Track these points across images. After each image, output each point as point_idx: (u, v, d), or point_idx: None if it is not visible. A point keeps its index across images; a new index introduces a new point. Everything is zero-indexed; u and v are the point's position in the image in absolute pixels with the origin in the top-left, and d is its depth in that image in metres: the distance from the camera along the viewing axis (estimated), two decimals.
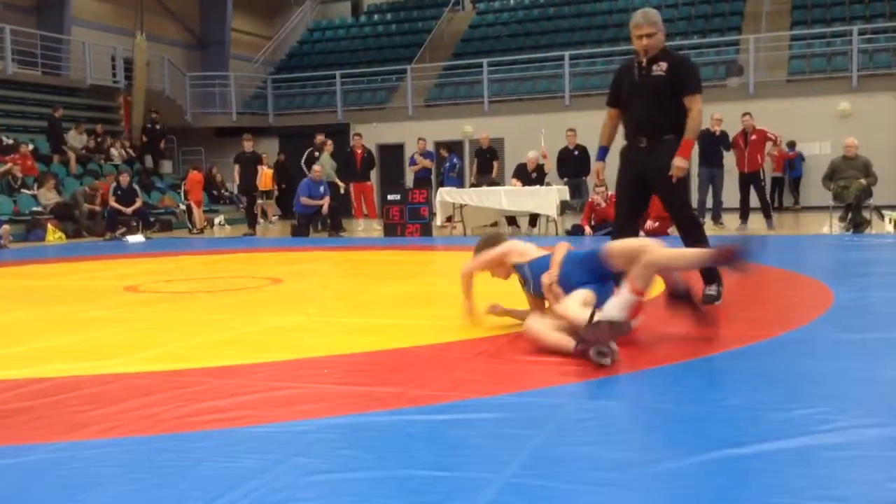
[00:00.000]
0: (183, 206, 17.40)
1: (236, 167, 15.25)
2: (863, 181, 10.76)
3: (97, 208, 15.58)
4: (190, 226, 16.64)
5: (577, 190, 13.51)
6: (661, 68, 4.98)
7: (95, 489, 2.18)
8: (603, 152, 5.46)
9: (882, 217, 11.10)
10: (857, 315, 4.54)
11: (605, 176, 5.57)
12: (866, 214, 10.94)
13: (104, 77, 20.55)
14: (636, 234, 5.25)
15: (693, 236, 5.07)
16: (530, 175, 13.14)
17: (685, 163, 4.96)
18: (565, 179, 13.72)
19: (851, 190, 10.74)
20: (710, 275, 5.08)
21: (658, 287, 5.57)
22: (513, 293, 4.49)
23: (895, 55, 17.71)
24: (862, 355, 3.53)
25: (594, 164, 5.69)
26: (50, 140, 17.83)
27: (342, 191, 15.02)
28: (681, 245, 5.35)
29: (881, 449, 2.32)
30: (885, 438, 2.40)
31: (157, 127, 19.78)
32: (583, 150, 13.78)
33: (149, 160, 19.90)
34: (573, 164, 13.72)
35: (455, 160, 16.52)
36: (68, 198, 15.59)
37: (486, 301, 4.38)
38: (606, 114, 5.36)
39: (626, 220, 5.21)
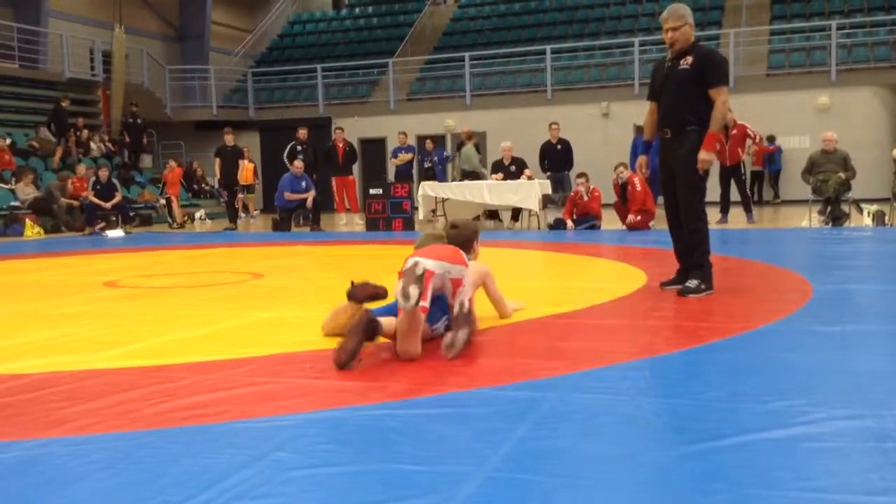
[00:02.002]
0: (163, 201, 17.29)
1: (217, 161, 15.16)
2: (841, 175, 10.86)
3: (75, 203, 15.46)
4: (170, 220, 16.54)
5: (560, 184, 13.50)
6: (686, 62, 5.10)
7: (74, 485, 2.16)
8: (646, 146, 5.56)
9: (860, 210, 11.20)
10: (835, 308, 4.58)
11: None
12: (845, 208, 11.04)
13: (82, 70, 20.35)
14: (682, 224, 5.29)
15: (695, 237, 5.10)
16: (508, 168, 13.11)
17: (709, 155, 5.04)
18: (548, 174, 13.71)
19: (830, 184, 10.83)
20: (691, 266, 5.12)
21: (639, 280, 5.62)
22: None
23: (873, 49, 17.86)
24: (840, 348, 3.56)
25: (639, 158, 5.78)
26: (55, 128, 18.07)
27: (484, 179, 13.44)
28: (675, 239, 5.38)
29: (859, 440, 2.34)
30: (863, 430, 2.42)
31: (139, 121, 19.64)
32: (565, 144, 13.78)
33: (128, 154, 19.77)
34: (556, 159, 13.71)
35: (446, 153, 16.49)
36: (43, 192, 15.44)
37: None
38: (648, 109, 5.45)
39: (670, 210, 5.32)
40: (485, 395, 2.94)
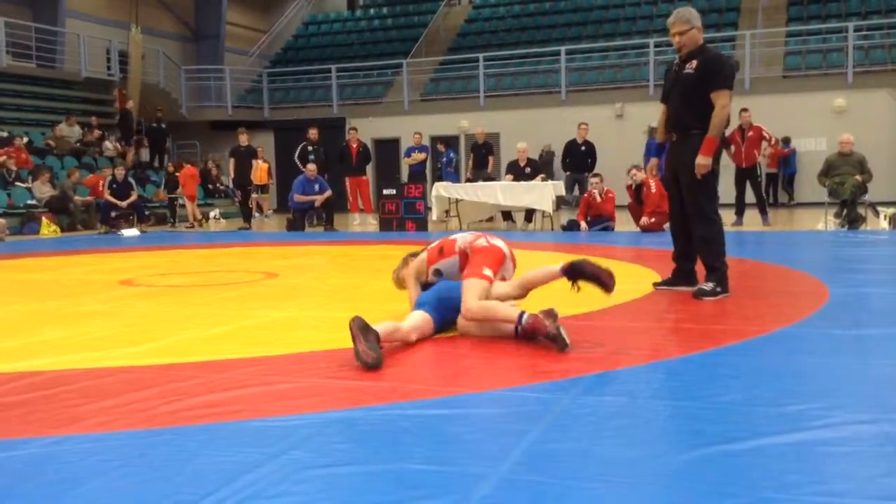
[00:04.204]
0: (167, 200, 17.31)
1: (231, 161, 15.22)
2: (858, 177, 10.78)
3: (90, 199, 15.55)
4: (172, 220, 16.53)
5: (580, 185, 13.48)
6: (691, 66, 5.10)
7: (90, 483, 2.18)
8: (658, 149, 5.56)
9: (877, 213, 11.13)
10: (851, 311, 4.55)
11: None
12: (861, 211, 10.96)
13: (99, 70, 20.48)
14: (685, 227, 5.26)
15: (704, 240, 5.07)
16: (523, 170, 13.09)
17: (707, 160, 5.00)
18: (568, 173, 13.68)
19: (846, 186, 10.75)
20: (708, 269, 5.10)
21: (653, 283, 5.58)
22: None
23: (890, 52, 17.74)
24: (856, 351, 3.54)
25: (651, 160, 5.79)
26: (122, 133, 18.92)
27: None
28: (679, 241, 5.37)
29: (875, 444, 2.33)
30: (879, 434, 2.41)
31: (163, 126, 19.77)
32: (590, 146, 13.77)
33: (144, 153, 19.92)
34: (578, 159, 13.69)
35: (452, 155, 16.50)
36: (57, 190, 15.53)
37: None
38: (661, 111, 5.47)
39: (673, 212, 5.33)
40: (498, 397, 2.94)
